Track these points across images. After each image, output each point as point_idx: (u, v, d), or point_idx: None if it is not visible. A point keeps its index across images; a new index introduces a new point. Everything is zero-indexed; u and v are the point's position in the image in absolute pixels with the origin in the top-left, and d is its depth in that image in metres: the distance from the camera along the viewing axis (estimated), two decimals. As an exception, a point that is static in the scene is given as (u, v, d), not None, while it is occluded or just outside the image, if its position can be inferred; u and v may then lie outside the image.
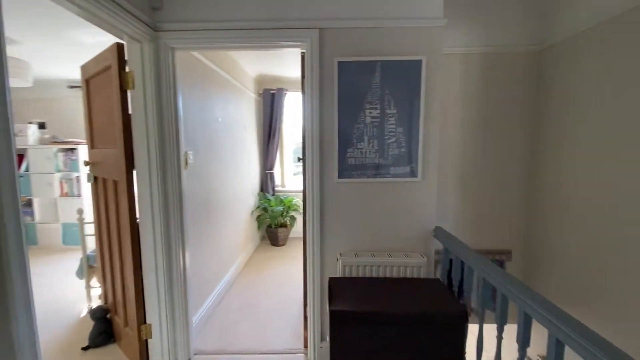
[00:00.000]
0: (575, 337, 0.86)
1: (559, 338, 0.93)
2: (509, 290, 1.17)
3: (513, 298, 1.15)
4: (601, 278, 1.84)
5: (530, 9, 2.27)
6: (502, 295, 1.24)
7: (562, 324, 0.91)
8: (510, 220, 2.47)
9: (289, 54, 3.35)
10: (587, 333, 0.84)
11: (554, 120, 2.19)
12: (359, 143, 1.86)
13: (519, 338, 1.12)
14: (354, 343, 1.50)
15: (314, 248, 1.93)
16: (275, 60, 3.62)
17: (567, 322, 0.90)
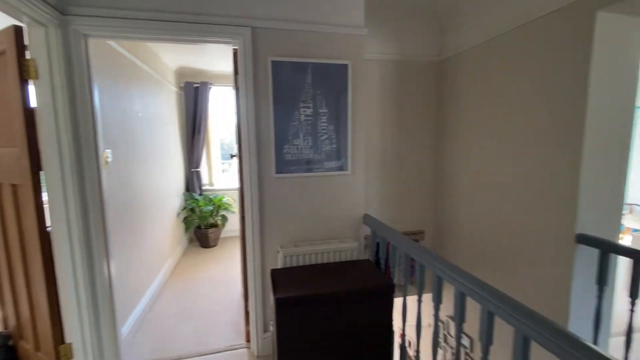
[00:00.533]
0: (474, 288, 1.12)
1: (462, 291, 1.19)
2: (425, 259, 1.42)
3: (428, 266, 1.40)
4: (490, 243, 2.31)
5: (431, 27, 2.67)
6: (420, 264, 1.49)
7: (464, 280, 1.17)
8: (422, 204, 2.88)
9: (213, 47, 3.24)
10: (482, 285, 1.11)
11: (450, 120, 2.64)
12: (294, 140, 1.96)
13: (434, 297, 1.38)
14: (298, 325, 1.61)
15: (254, 243, 1.97)
16: (197, 52, 3.46)
17: (467, 278, 1.16)
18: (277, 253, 1.99)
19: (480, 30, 2.25)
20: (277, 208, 1.99)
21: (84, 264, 1.68)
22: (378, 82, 2.66)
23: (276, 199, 1.98)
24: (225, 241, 4.37)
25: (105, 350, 1.80)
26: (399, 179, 2.82)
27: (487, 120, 2.26)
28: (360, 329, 1.69)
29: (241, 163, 1.99)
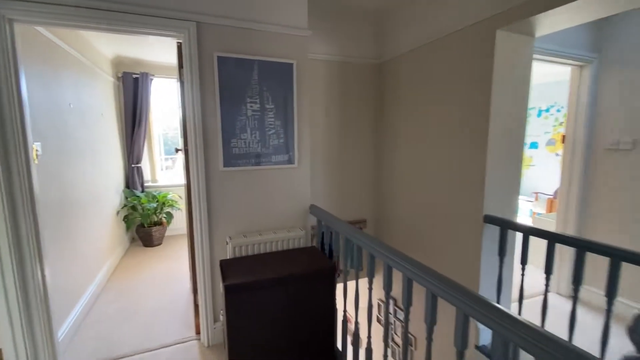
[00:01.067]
0: (397, 259, 1.32)
1: (389, 264, 1.39)
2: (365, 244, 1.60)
3: (367, 249, 1.58)
4: (420, 226, 2.61)
5: (372, 31, 2.90)
6: (357, 246, 1.67)
7: (390, 254, 1.37)
8: (364, 196, 3.13)
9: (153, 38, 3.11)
10: (403, 256, 1.31)
11: (388, 118, 2.90)
12: (242, 134, 2.03)
13: (368, 270, 1.57)
14: (248, 310, 1.70)
15: (202, 235, 2.01)
16: (135, 42, 3.29)
17: (392, 252, 1.36)
18: (226, 244, 2.05)
19: (411, 38, 2.52)
20: (226, 200, 2.04)
21: (14, 268, 1.57)
22: (323, 81, 2.82)
23: (224, 192, 2.03)
24: (170, 240, 4.23)
25: (41, 354, 1.70)
26: (343, 173, 3.02)
27: (418, 120, 2.54)
28: (307, 309, 1.84)
29: (187, 157, 2.00)
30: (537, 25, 1.79)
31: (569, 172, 2.61)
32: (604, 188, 2.49)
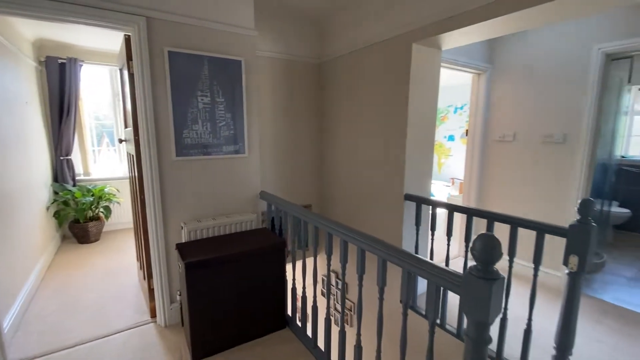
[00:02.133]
0: (334, 227, 1.64)
1: (330, 232, 1.71)
2: (313, 219, 1.90)
3: (311, 221, 1.88)
4: (357, 204, 3.01)
5: (313, 33, 3.18)
6: (303, 221, 1.96)
7: (329, 224, 1.68)
8: (309, 183, 3.44)
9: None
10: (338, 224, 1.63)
11: (328, 113, 3.23)
12: (193, 125, 2.15)
13: (312, 242, 1.88)
14: (207, 286, 1.88)
15: (157, 222, 2.10)
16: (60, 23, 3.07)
17: (331, 222, 1.68)
18: (181, 229, 2.18)
19: (347, 43, 2.86)
20: (179, 188, 2.16)
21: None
22: (270, 77, 3.02)
23: (177, 180, 2.15)
24: (109, 235, 4.05)
25: (-14, 348, 1.67)
26: (290, 162, 3.28)
27: (352, 115, 2.91)
28: (260, 281, 2.08)
29: (139, 147, 2.07)
30: (442, 41, 2.25)
31: (471, 159, 3.24)
32: (495, 169, 3.16)
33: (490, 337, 1.00)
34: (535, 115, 2.82)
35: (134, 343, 2.04)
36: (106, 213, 3.86)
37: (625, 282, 2.92)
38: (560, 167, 2.68)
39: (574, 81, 2.56)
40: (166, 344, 2.05)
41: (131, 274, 2.98)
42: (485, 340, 0.97)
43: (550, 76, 2.70)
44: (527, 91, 2.86)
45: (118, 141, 4.10)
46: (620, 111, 3.21)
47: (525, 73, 2.87)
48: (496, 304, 0.93)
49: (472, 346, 0.98)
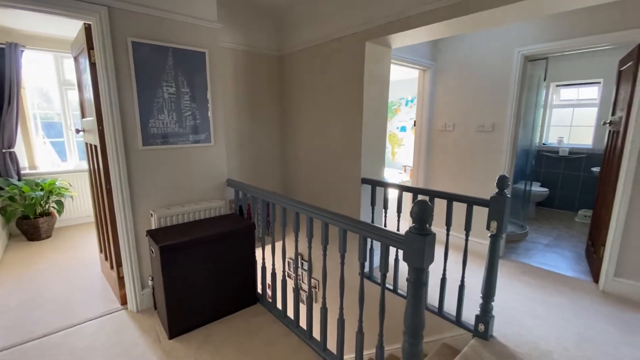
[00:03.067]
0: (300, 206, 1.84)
1: (297, 211, 1.91)
2: (280, 201, 2.08)
3: (282, 204, 2.06)
4: (319, 188, 3.24)
5: (272, 27, 3.29)
6: (271, 204, 2.15)
7: (295, 203, 1.88)
8: (274, 170, 3.59)
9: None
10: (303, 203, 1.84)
11: (290, 103, 3.40)
12: (159, 115, 2.21)
13: (281, 222, 2.07)
14: (180, 268, 1.99)
15: (125, 210, 2.15)
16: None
17: (296, 202, 1.88)
18: (150, 217, 2.24)
19: (305, 37, 3.03)
20: (147, 176, 2.21)
21: None
22: (234, 68, 3.10)
23: (145, 169, 2.20)
24: (62, 231, 3.87)
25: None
26: (254, 152, 3.40)
27: (312, 106, 3.11)
28: (231, 262, 2.23)
29: (103, 137, 2.08)
30: (392, 41, 2.52)
31: (418, 147, 3.62)
32: (439, 156, 3.57)
33: (426, 280, 1.28)
34: (470, 108, 3.24)
35: (108, 328, 2.10)
36: (59, 208, 3.68)
37: (542, 248, 3.51)
38: (490, 152, 3.13)
39: (500, 79, 3.00)
40: (141, 326, 2.13)
41: (93, 267, 2.94)
42: (422, 283, 1.25)
43: (481, 74, 3.13)
44: (464, 86, 3.27)
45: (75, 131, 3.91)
46: (538, 105, 3.78)
47: (462, 70, 3.27)
48: (429, 253, 1.20)
49: (412, 288, 1.25)
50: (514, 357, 1.83)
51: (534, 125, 3.94)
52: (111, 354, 1.87)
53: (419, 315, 1.28)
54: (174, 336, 2.02)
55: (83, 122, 2.56)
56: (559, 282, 2.71)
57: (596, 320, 2.17)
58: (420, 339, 1.30)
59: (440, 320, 2.20)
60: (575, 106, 4.86)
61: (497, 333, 2.03)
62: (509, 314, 2.25)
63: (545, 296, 2.48)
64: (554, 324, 2.13)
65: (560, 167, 4.85)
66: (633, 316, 2.21)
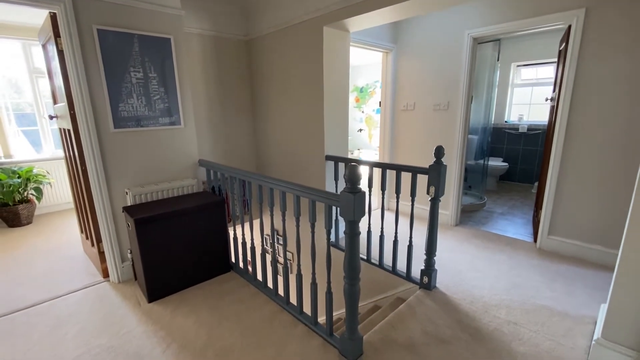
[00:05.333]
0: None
1: (271, 187, 2.12)
2: (245, 176, 2.28)
3: (258, 182, 2.26)
4: (289, 166, 3.45)
5: (239, 12, 3.40)
6: (248, 182, 2.34)
7: (268, 179, 2.09)
8: (247, 152, 3.77)
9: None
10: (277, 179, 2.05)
11: (259, 87, 3.55)
12: (128, 99, 2.35)
13: (258, 199, 2.28)
14: (155, 239, 2.19)
15: (101, 190, 2.31)
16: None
17: (269, 178, 2.09)
18: (125, 194, 2.41)
19: (270, 22, 3.16)
20: (120, 157, 2.37)
21: None
22: (201, 53, 3.21)
23: (118, 150, 2.35)
24: (43, 218, 3.97)
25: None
26: (227, 134, 3.56)
27: (280, 89, 3.28)
28: (204, 234, 2.44)
29: (76, 121, 2.22)
30: (349, 24, 2.69)
31: (384, 126, 3.86)
32: (402, 134, 3.82)
33: (359, 231, 1.53)
34: (428, 88, 3.47)
35: (91, 297, 2.29)
36: (37, 195, 3.77)
37: (497, 216, 3.86)
38: (446, 129, 3.40)
39: (453, 60, 3.23)
40: (122, 293, 2.34)
41: (75, 247, 3.10)
42: (355, 234, 1.49)
43: (436, 55, 3.35)
44: (422, 68, 3.49)
45: (48, 117, 3.96)
46: (494, 84, 4.05)
47: (420, 52, 3.49)
48: (359, 208, 1.44)
49: (348, 238, 1.49)
50: (451, 302, 2.14)
51: (490, 104, 4.22)
52: (95, 317, 2.07)
53: (355, 260, 1.53)
54: (153, 300, 2.23)
55: (55, 108, 2.66)
56: (503, 243, 3.05)
57: (527, 271, 2.50)
58: (357, 281, 1.56)
59: (394, 278, 2.49)
60: (535, 85, 5.17)
61: (440, 284, 2.33)
62: (455, 269, 2.56)
63: (488, 254, 2.81)
64: (490, 276, 2.45)
65: (520, 143, 5.20)
66: (559, 267, 2.56)
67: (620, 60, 2.32)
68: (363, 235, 2.75)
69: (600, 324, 1.65)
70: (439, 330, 1.88)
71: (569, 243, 2.72)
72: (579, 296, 2.17)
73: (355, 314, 1.62)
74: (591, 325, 1.88)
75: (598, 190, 2.53)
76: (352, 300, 1.58)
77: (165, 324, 2.00)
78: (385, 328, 1.91)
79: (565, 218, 2.72)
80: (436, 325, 1.92)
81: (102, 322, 2.02)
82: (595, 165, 2.52)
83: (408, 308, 2.08)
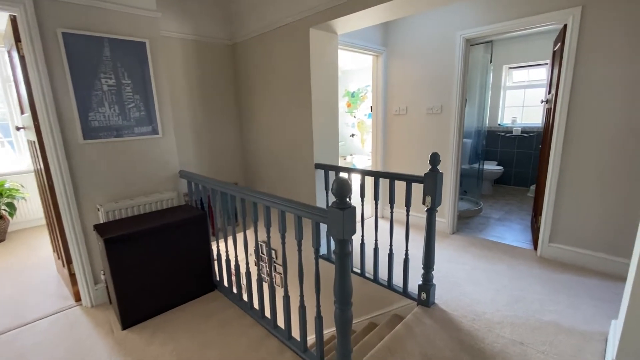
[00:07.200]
0: (277, 201, 1.89)
1: (255, 201, 1.96)
2: (234, 190, 2.11)
3: (240, 195, 2.08)
4: (279, 174, 3.28)
5: (222, 14, 3.25)
6: (231, 196, 2.17)
7: (257, 194, 1.93)
8: (233, 161, 3.60)
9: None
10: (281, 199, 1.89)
11: (245, 93, 3.40)
12: (99, 108, 2.17)
13: (242, 215, 2.11)
14: (129, 260, 2.00)
15: (70, 207, 2.12)
16: None
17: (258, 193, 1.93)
18: (97, 211, 2.22)
19: (255, 25, 3.02)
20: (91, 170, 2.18)
21: None
22: (183, 59, 3.04)
23: (88, 163, 2.17)
24: (17, 234, 3.74)
25: None
26: (213, 143, 3.38)
27: (267, 95, 3.12)
28: (185, 251, 2.26)
29: (40, 133, 2.03)
30: (337, 26, 2.56)
31: (376, 131, 3.73)
32: (395, 139, 3.69)
33: (350, 250, 1.37)
34: (420, 91, 3.36)
35: (60, 324, 2.09)
36: (10, 210, 3.54)
37: (494, 222, 3.74)
38: (440, 133, 3.28)
39: (445, 61, 3.12)
40: (94, 320, 2.14)
41: (49, 267, 2.89)
42: (346, 254, 1.33)
43: (429, 57, 3.24)
44: (414, 70, 3.38)
45: (16, 129, 3.74)
46: (487, 86, 3.96)
47: (411, 55, 3.38)
48: (349, 226, 1.28)
49: (338, 259, 1.34)
50: (452, 320, 1.99)
51: (484, 106, 4.13)
52: (61, 348, 1.87)
53: (346, 283, 1.37)
54: (127, 327, 2.04)
55: (22, 119, 2.47)
56: (502, 251, 2.92)
57: (529, 282, 2.37)
58: (349, 306, 1.40)
59: (390, 293, 2.34)
60: (527, 87, 5.11)
61: (439, 300, 2.18)
62: (453, 281, 2.42)
63: (487, 264, 2.67)
64: (491, 289, 2.31)
65: (514, 146, 5.13)
66: (561, 276, 2.43)
67: (620, 58, 2.22)
68: (356, 248, 2.62)
69: (613, 343, 1.52)
70: (439, 353, 1.72)
71: (571, 251, 2.60)
72: (585, 310, 2.04)
73: (348, 342, 1.46)
74: (602, 343, 1.74)
75: (601, 195, 2.42)
76: (344, 327, 1.42)
77: (139, 355, 1.81)
78: (383, 352, 1.75)
79: (567, 224, 2.60)
80: (437, 347, 1.77)
81: (68, 354, 1.82)
82: (597, 168, 2.41)
83: (406, 328, 1.92)
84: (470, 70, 3.79)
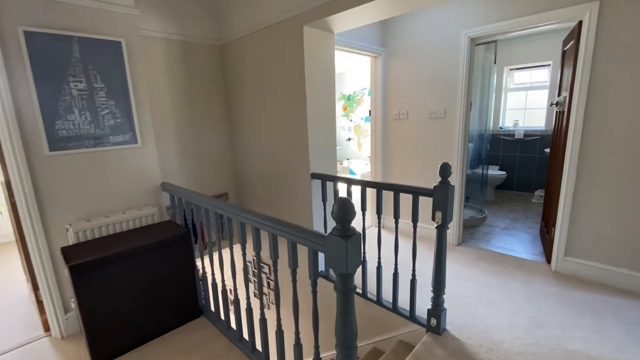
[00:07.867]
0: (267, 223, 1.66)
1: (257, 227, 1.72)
2: (218, 207, 1.88)
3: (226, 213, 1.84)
4: (272, 185, 3.05)
5: (210, 13, 3.03)
6: (219, 215, 1.94)
7: (249, 215, 1.70)
8: (223, 170, 3.36)
9: None
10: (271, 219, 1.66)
11: (235, 97, 3.17)
12: (68, 115, 1.93)
13: (240, 238, 1.88)
14: (100, 288, 1.75)
15: (34, 226, 1.87)
16: None
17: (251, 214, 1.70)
18: (66, 231, 1.97)
19: (245, 24, 2.80)
20: (59, 186, 1.94)
21: None
22: (166, 60, 2.80)
23: (55, 177, 1.92)
24: (-10, 250, 3.46)
25: None
26: (200, 152, 3.14)
27: (259, 98, 2.90)
28: (167, 274, 2.01)
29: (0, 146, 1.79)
30: (333, 24, 2.35)
31: (375, 136, 3.52)
32: (396, 144, 3.49)
33: (355, 285, 1.15)
34: (422, 94, 3.16)
35: (27, 359, 1.84)
36: (-19, 225, 3.27)
37: (500, 231, 3.54)
38: (443, 138, 3.08)
39: (449, 63, 2.93)
40: (63, 354, 1.89)
41: (20, 287, 2.63)
42: (350, 289, 1.11)
43: (431, 58, 3.04)
44: (415, 72, 3.18)
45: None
46: (491, 88, 3.78)
47: (412, 56, 3.18)
48: (354, 257, 1.06)
49: (340, 295, 1.11)
50: (466, 351, 1.77)
51: (488, 109, 3.95)
52: (20, 394, 1.62)
53: (350, 324, 1.14)
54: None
55: (-15, 128, 2.22)
56: (513, 265, 2.71)
57: (547, 302, 2.16)
58: (354, 350, 1.17)
59: (395, 317, 2.12)
60: (529, 89, 4.95)
61: (450, 325, 1.96)
62: (464, 302, 2.20)
63: (499, 282, 2.46)
64: (506, 311, 2.09)
65: (517, 150, 4.95)
66: (582, 296, 2.22)
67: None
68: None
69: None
70: (456, 394, 1.50)
71: (590, 265, 2.40)
72: (614, 335, 1.83)
73: (352, 391, 1.23)
74: (639, 378, 1.54)
75: (624, 205, 2.22)
76: (347, 377, 1.19)
77: (109, 401, 1.56)
78: (390, 394, 1.52)
79: (585, 237, 2.40)
80: (452, 386, 1.54)
81: (28, 402, 1.57)
82: (618, 176, 2.22)
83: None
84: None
